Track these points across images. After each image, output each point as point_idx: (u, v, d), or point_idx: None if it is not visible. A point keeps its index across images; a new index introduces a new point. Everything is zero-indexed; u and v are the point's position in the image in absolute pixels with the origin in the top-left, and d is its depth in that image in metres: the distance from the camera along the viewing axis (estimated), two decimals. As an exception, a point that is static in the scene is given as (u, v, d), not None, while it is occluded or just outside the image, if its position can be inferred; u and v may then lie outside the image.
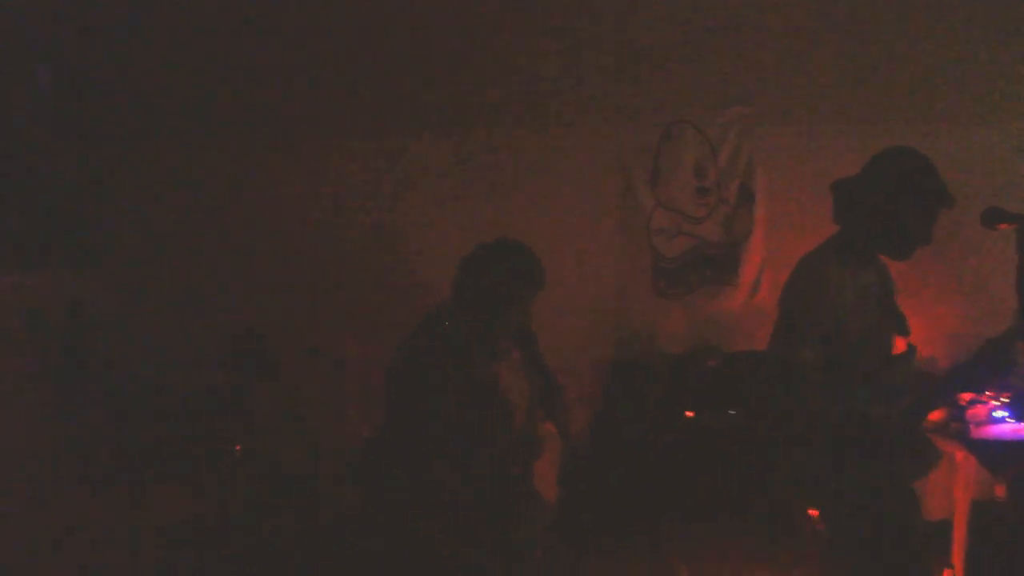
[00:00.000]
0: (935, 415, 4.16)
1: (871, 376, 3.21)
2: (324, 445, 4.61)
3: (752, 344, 5.37)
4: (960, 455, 4.10)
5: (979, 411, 4.12)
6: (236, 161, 5.34)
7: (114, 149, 5.26)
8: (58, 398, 4.66)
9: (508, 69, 5.49)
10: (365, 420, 4.72)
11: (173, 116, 5.30)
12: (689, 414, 5.27)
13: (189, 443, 4.53)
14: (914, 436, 3.37)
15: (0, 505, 4.02)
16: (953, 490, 4.10)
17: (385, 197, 5.46)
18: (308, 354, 4.91)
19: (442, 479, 3.27)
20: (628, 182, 5.63)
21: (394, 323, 5.16)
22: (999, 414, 4.13)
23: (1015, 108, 5.65)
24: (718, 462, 4.98)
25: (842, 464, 3.22)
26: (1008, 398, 4.07)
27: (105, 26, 5.08)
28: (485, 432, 3.34)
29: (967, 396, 4.19)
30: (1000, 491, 4.08)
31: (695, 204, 5.70)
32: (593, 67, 5.54)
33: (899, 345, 3.40)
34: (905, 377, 3.28)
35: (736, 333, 5.57)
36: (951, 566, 4.10)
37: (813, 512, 3.44)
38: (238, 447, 4.46)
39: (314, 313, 5.30)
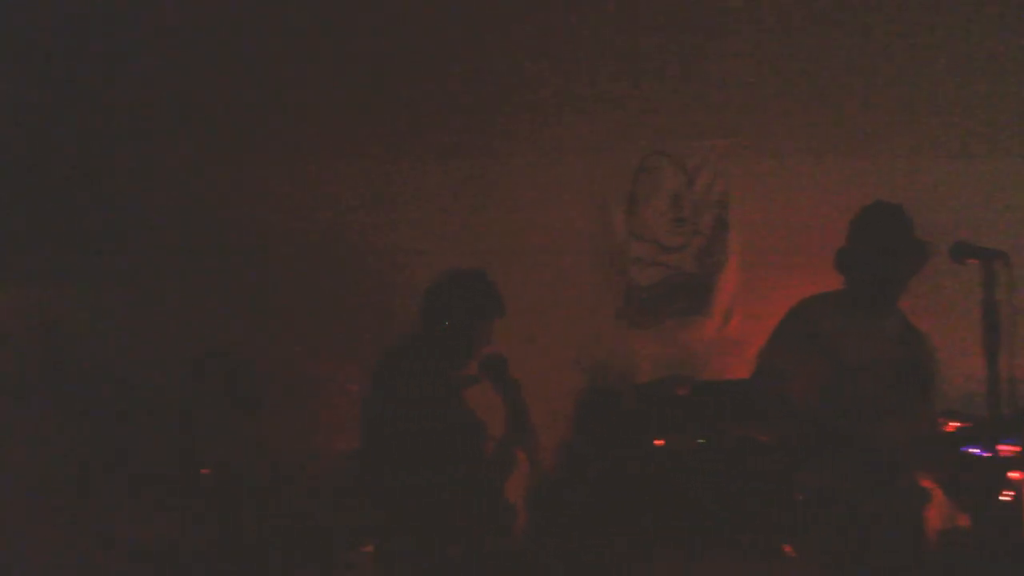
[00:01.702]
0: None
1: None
2: (293, 465, 4.60)
3: (723, 374, 5.42)
4: (928, 485, 4.14)
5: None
6: (214, 179, 5.33)
7: (91, 162, 5.24)
8: (28, 417, 4.63)
9: (488, 96, 5.53)
10: (334, 441, 4.73)
11: (153, 131, 5.29)
12: (659, 442, 5.28)
13: (157, 464, 4.50)
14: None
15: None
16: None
17: (361, 220, 5.46)
18: (280, 376, 4.90)
19: (415, 501, 3.33)
20: (604, 211, 5.68)
21: (365, 345, 5.19)
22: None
23: (990, 143, 5.73)
24: (688, 490, 4.99)
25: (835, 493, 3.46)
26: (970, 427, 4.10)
27: (86, 40, 5.08)
28: (457, 455, 3.39)
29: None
30: (965, 521, 4.14)
31: (670, 234, 5.75)
32: (573, 96, 5.60)
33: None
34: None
35: (707, 363, 5.61)
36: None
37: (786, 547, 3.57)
38: (204, 470, 4.43)
39: (286, 334, 5.28)
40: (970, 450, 3.92)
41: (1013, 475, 4.03)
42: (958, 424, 4.17)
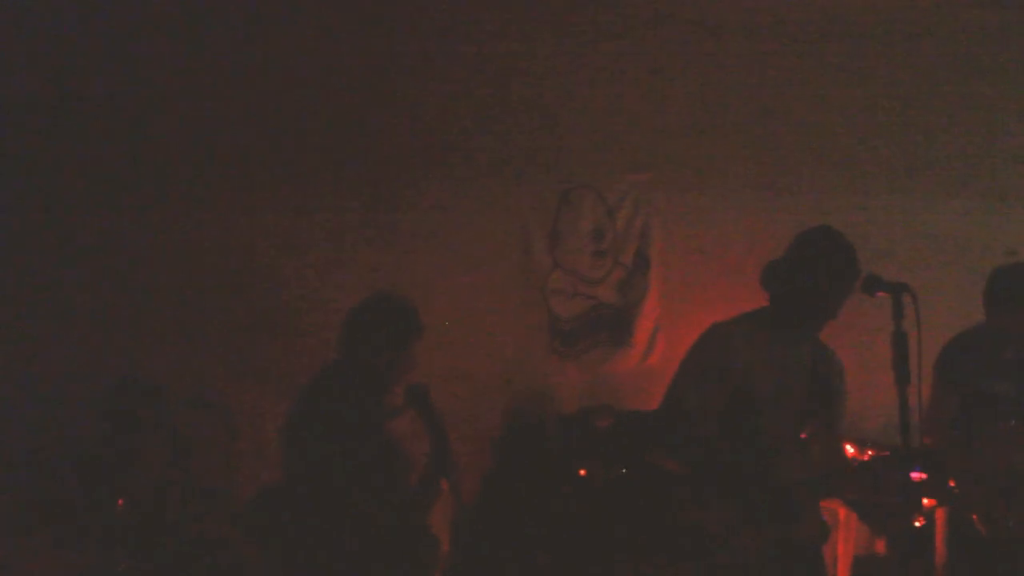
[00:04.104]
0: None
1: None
2: (215, 499, 4.49)
3: (645, 404, 5.47)
4: (842, 512, 4.23)
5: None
6: (131, 202, 5.23)
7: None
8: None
9: (411, 128, 5.55)
10: (256, 473, 4.66)
11: (62, 154, 5.17)
12: (582, 472, 5.31)
13: (70, 498, 4.37)
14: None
15: None
16: (836, 545, 4.22)
17: (285, 248, 5.41)
18: (199, 406, 4.79)
19: (340, 532, 3.28)
20: (527, 243, 5.72)
21: (287, 375, 5.14)
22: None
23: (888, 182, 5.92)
24: (611, 519, 5.02)
25: (739, 524, 3.40)
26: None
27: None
28: (382, 484, 3.36)
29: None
30: (880, 546, 4.24)
31: (592, 266, 5.82)
32: (496, 129, 5.64)
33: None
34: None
35: (629, 393, 5.65)
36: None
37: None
38: (120, 501, 4.31)
39: (206, 363, 5.19)
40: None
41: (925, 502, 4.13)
42: (873, 452, 4.27)
